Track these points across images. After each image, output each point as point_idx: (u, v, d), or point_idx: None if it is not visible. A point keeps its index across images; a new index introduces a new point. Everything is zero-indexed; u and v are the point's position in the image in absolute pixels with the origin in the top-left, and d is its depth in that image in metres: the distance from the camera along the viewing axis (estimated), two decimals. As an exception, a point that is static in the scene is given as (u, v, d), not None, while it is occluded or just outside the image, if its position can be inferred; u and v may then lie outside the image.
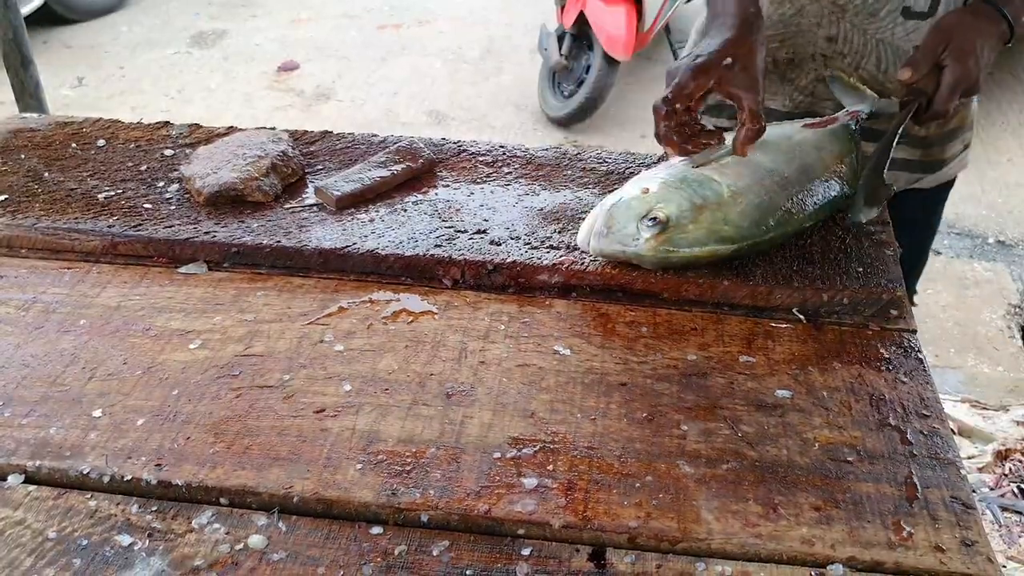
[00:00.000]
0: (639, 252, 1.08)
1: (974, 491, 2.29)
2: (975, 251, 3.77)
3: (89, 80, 5.17)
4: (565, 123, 4.68)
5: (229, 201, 1.23)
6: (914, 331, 1.07)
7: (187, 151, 1.35)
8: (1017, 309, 3.35)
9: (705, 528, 0.82)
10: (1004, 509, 2.24)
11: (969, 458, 2.41)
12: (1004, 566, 2.10)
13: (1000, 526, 2.20)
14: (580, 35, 4.56)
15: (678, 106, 1.09)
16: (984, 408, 2.60)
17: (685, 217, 1.08)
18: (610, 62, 4.36)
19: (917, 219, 1.44)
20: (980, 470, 2.36)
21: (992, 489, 2.29)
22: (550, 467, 0.87)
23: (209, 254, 1.15)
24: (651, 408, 0.95)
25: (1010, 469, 2.34)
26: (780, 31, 1.37)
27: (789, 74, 1.40)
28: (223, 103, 4.95)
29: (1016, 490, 2.28)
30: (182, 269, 1.14)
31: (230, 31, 5.92)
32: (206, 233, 1.17)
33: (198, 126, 1.42)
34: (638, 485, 0.86)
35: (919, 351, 1.03)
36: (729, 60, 1.08)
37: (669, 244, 1.08)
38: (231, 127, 1.40)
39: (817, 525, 0.82)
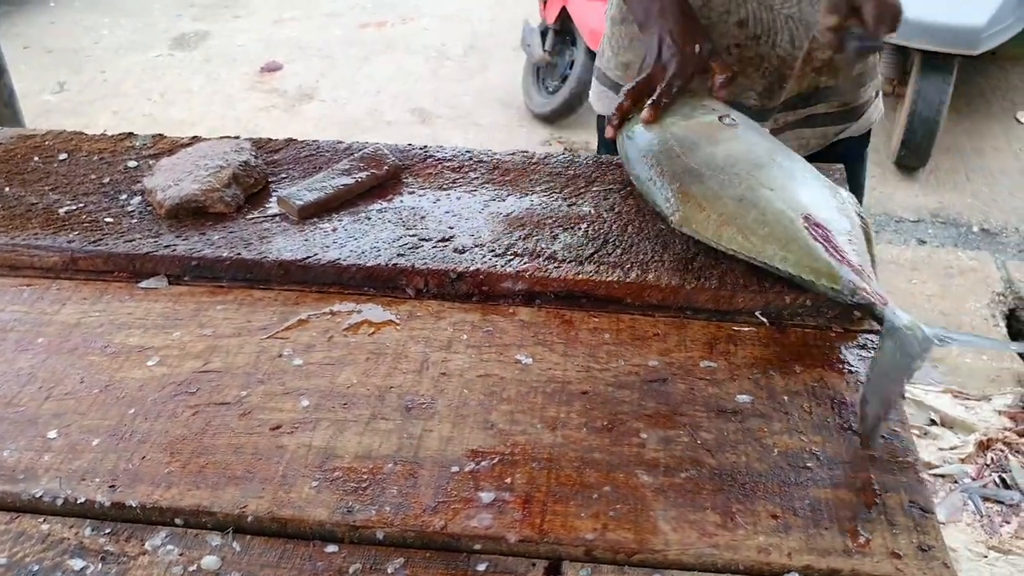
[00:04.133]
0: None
1: (956, 481, 2.30)
2: (959, 240, 3.78)
3: (71, 85, 5.15)
4: (550, 119, 4.67)
5: (191, 213, 1.22)
6: (878, 332, 1.06)
7: (151, 162, 1.34)
8: (1001, 297, 3.36)
9: (662, 539, 0.81)
10: (986, 499, 2.25)
11: (952, 448, 2.41)
12: (985, 556, 2.11)
13: (982, 516, 2.20)
14: (563, 30, 4.55)
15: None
16: (967, 398, 2.60)
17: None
18: (594, 57, 4.34)
19: (848, 172, 1.49)
20: (962, 460, 2.37)
21: (974, 479, 2.30)
22: (508, 480, 0.87)
23: (170, 268, 1.15)
24: (611, 416, 0.94)
25: (992, 459, 2.34)
26: None
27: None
28: (205, 105, 4.93)
29: (998, 480, 2.29)
30: (142, 284, 1.13)
31: (212, 32, 5.90)
32: (167, 247, 1.16)
33: (162, 136, 1.41)
34: (596, 496, 0.85)
35: (882, 352, 1.03)
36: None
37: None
38: (195, 137, 1.39)
39: (774, 533, 0.82)
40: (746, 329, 1.06)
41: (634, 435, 0.92)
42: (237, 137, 1.36)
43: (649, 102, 1.25)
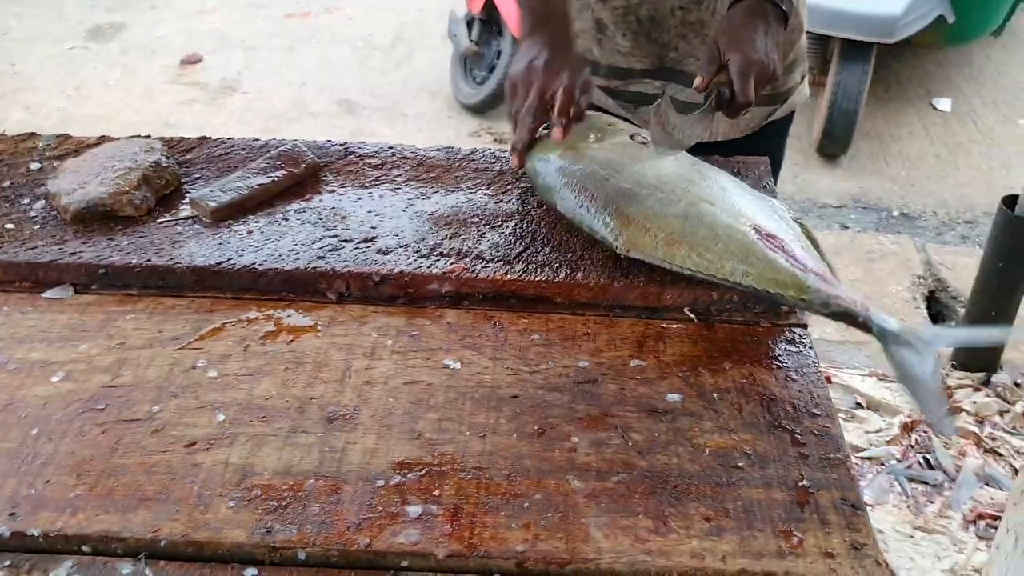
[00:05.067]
0: None
1: (882, 464, 2.34)
2: (880, 224, 3.86)
3: (-22, 79, 4.93)
4: (479, 110, 4.64)
5: (98, 218, 1.16)
6: (805, 326, 1.06)
7: (55, 164, 1.27)
8: (921, 280, 3.44)
9: (594, 547, 0.79)
10: (911, 480, 2.30)
11: (877, 431, 2.46)
12: (911, 536, 2.15)
13: (908, 497, 2.25)
14: (489, 20, 4.51)
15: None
16: (891, 381, 2.65)
17: None
18: (521, 47, 4.31)
19: (772, 151, 1.52)
20: (888, 443, 2.41)
21: (899, 461, 2.35)
22: (436, 492, 0.84)
23: (75, 276, 1.09)
24: (542, 421, 0.92)
25: (916, 440, 2.39)
26: None
27: (653, 33, 1.44)
28: (123, 99, 4.77)
29: (922, 460, 2.34)
30: (46, 294, 1.07)
31: (129, 23, 5.71)
32: (72, 254, 1.10)
33: (67, 136, 1.34)
34: (527, 505, 0.83)
35: (810, 347, 1.03)
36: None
37: None
38: (103, 136, 1.33)
39: (707, 537, 0.80)
40: (675, 326, 1.05)
41: (565, 439, 0.90)
42: (147, 136, 1.30)
43: (558, 118, 1.16)
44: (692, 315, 1.06)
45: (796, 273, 1.00)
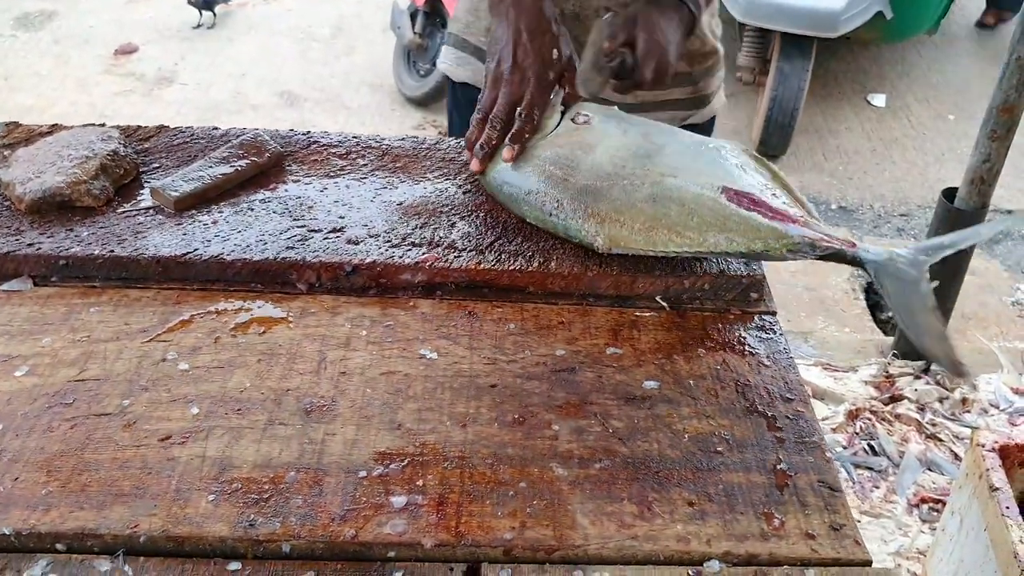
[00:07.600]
0: None
1: (831, 453, 2.40)
2: (820, 217, 3.94)
3: (-102, 68, 4.74)
4: (423, 102, 4.62)
5: (55, 208, 1.12)
6: (774, 313, 1.08)
7: (6, 153, 1.23)
8: (860, 272, 3.53)
9: (581, 533, 0.80)
10: (857, 466, 2.36)
11: (824, 419, 2.52)
12: (858, 520, 2.21)
13: (854, 483, 2.31)
14: (433, 12, 4.49)
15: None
16: (835, 370, 2.72)
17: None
18: (465, 40, 4.30)
19: None
20: (834, 430, 2.47)
21: (845, 448, 2.41)
22: (420, 482, 0.83)
23: (34, 268, 1.05)
24: (522, 409, 0.92)
25: (860, 428, 2.46)
26: None
27: (575, 30, 1.43)
28: (56, 90, 4.63)
29: (867, 447, 2.40)
30: (4, 286, 1.03)
31: (60, 12, 5.55)
32: (30, 245, 1.06)
33: (17, 124, 1.29)
34: (512, 493, 0.83)
35: (780, 333, 1.05)
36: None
37: None
38: (55, 125, 1.28)
39: (692, 521, 0.81)
40: (648, 314, 1.06)
41: (546, 427, 0.90)
42: (103, 124, 1.26)
43: (510, 140, 1.16)
44: (664, 303, 1.07)
45: (776, 227, 1.01)
